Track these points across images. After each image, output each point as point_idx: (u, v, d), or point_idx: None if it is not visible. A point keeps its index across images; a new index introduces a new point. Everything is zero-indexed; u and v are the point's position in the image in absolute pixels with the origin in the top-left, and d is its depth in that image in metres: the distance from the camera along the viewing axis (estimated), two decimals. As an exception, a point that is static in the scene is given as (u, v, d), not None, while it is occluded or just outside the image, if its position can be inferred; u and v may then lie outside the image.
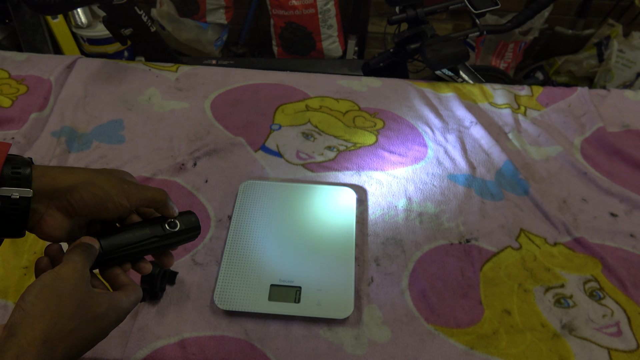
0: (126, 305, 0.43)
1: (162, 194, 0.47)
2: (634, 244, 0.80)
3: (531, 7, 1.25)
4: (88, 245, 0.43)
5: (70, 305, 0.38)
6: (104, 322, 0.40)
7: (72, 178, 0.43)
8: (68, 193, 0.42)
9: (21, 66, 1.07)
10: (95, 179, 0.44)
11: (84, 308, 0.39)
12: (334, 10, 1.93)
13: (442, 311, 0.70)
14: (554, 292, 0.73)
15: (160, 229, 0.48)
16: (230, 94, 1.04)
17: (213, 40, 2.03)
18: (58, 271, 0.40)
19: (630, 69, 1.91)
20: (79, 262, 0.41)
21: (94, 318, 0.40)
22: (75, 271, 0.40)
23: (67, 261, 0.40)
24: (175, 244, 0.50)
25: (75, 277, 0.39)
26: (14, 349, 0.34)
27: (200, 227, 0.51)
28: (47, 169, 0.43)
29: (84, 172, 0.44)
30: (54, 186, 0.42)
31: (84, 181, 0.43)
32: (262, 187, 0.83)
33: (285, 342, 0.65)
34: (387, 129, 0.99)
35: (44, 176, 0.42)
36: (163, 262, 0.50)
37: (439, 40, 1.09)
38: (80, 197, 0.43)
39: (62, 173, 0.43)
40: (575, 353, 0.66)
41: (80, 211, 0.43)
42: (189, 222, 0.50)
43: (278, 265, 0.72)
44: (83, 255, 0.41)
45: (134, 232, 0.46)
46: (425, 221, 0.82)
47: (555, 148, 0.97)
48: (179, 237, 0.49)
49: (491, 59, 2.11)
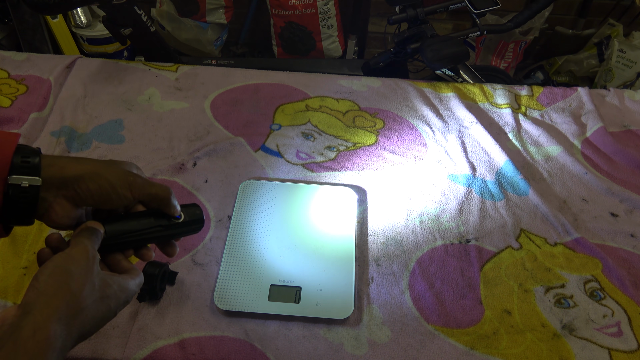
0: (133, 287, 0.44)
1: (166, 192, 0.48)
2: (635, 244, 0.80)
3: (531, 7, 1.25)
4: (94, 230, 0.44)
5: (81, 285, 0.39)
6: (113, 301, 0.42)
7: (79, 168, 0.44)
8: (75, 183, 0.43)
9: (21, 66, 1.07)
10: (101, 169, 0.45)
11: (95, 288, 0.40)
12: (334, 10, 1.93)
13: (442, 311, 0.69)
14: (555, 292, 0.73)
15: (164, 219, 0.49)
16: (230, 94, 1.04)
17: (213, 40, 2.03)
18: (69, 252, 0.41)
19: (630, 68, 1.91)
20: (88, 245, 0.42)
21: (104, 297, 0.41)
22: (86, 252, 0.41)
23: (76, 244, 0.42)
24: (179, 234, 0.51)
25: (85, 259, 0.41)
26: (30, 325, 0.35)
27: (204, 220, 0.52)
28: (56, 159, 0.44)
29: (91, 162, 0.46)
30: (62, 175, 0.43)
31: (91, 171, 0.44)
32: (262, 187, 0.83)
33: (285, 342, 0.65)
34: (387, 129, 0.98)
35: (52, 165, 0.43)
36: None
37: (439, 40, 1.09)
38: (86, 187, 0.44)
39: (70, 163, 0.44)
40: (576, 353, 0.66)
41: (86, 200, 0.44)
42: (193, 215, 0.51)
43: (278, 265, 0.72)
44: (91, 239, 0.42)
45: (138, 220, 0.47)
46: (425, 221, 0.82)
47: (556, 148, 0.97)
48: (182, 229, 0.50)
49: (491, 59, 2.11)
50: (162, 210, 0.49)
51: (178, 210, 0.50)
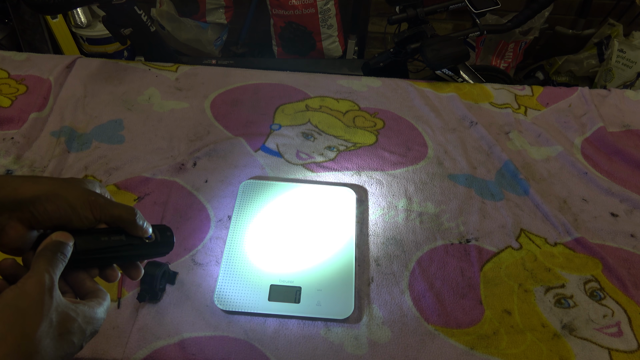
0: (100, 315, 0.40)
1: (130, 213, 0.44)
2: (635, 244, 0.80)
3: (531, 7, 1.25)
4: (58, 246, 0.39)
5: (35, 325, 0.34)
6: (76, 336, 0.37)
7: (35, 188, 0.41)
8: (31, 204, 0.40)
9: (21, 66, 1.07)
10: (59, 189, 0.41)
11: (52, 325, 0.36)
12: (334, 10, 1.93)
13: (443, 311, 0.69)
14: (555, 293, 0.73)
15: (137, 238, 0.45)
16: (230, 94, 1.04)
17: (213, 40, 2.03)
18: (22, 287, 0.36)
19: (630, 68, 1.90)
20: (45, 273, 0.37)
21: (65, 333, 0.36)
22: (41, 285, 0.36)
23: (33, 272, 0.37)
24: (147, 255, 0.48)
25: (40, 293, 0.36)
26: None
27: (174, 242, 0.49)
28: (9, 179, 0.41)
29: (48, 182, 0.42)
30: (15, 197, 0.40)
31: (48, 192, 0.41)
32: (262, 187, 0.83)
33: (285, 342, 0.65)
34: (387, 129, 0.98)
35: (5, 187, 0.40)
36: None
37: (439, 40, 1.09)
38: (43, 208, 0.40)
39: (25, 183, 0.41)
40: (576, 353, 0.66)
41: (43, 223, 0.41)
42: (165, 237, 0.48)
43: (278, 265, 0.72)
44: (51, 263, 0.38)
45: (109, 236, 0.44)
46: (425, 221, 0.82)
47: (556, 148, 0.97)
48: (153, 249, 0.47)
49: (491, 59, 2.11)
50: (129, 231, 0.45)
51: (148, 231, 0.46)
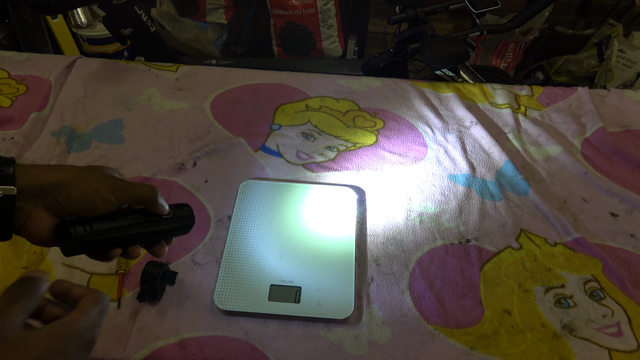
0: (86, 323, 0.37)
1: (151, 191, 0.46)
2: (635, 244, 0.80)
3: (531, 7, 1.25)
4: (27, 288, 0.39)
5: None
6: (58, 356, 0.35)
7: (58, 175, 0.41)
8: (55, 190, 0.41)
9: (21, 66, 1.07)
10: (81, 175, 0.43)
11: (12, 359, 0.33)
12: (334, 10, 1.93)
13: (442, 311, 0.69)
14: (555, 292, 0.73)
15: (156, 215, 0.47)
16: (230, 94, 1.04)
17: (213, 40, 2.03)
18: None
19: (630, 68, 1.90)
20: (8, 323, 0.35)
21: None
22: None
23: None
24: (169, 232, 0.49)
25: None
26: None
27: (194, 217, 0.51)
28: (32, 167, 0.42)
29: (70, 169, 0.43)
30: (40, 183, 0.40)
31: (71, 178, 0.42)
32: (262, 187, 0.83)
33: (285, 342, 0.65)
34: (387, 129, 0.98)
35: (28, 174, 0.40)
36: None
37: (439, 40, 1.09)
38: (67, 194, 0.41)
39: (48, 170, 0.42)
40: (576, 353, 0.66)
41: (67, 209, 0.42)
42: (182, 212, 0.50)
43: (278, 265, 0.72)
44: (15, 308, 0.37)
45: (125, 215, 0.45)
46: (425, 221, 0.82)
47: (556, 148, 0.97)
48: (172, 224, 0.48)
49: (491, 59, 2.11)
50: (150, 210, 0.47)
51: (166, 209, 0.48)
